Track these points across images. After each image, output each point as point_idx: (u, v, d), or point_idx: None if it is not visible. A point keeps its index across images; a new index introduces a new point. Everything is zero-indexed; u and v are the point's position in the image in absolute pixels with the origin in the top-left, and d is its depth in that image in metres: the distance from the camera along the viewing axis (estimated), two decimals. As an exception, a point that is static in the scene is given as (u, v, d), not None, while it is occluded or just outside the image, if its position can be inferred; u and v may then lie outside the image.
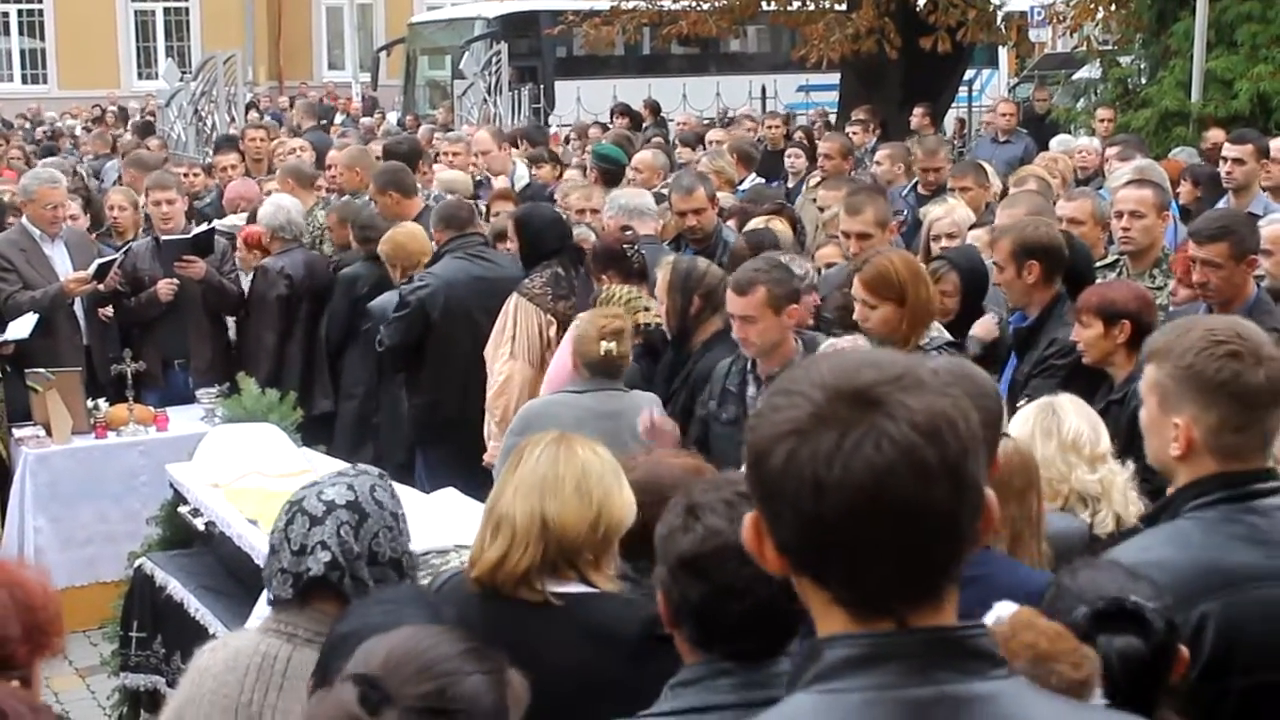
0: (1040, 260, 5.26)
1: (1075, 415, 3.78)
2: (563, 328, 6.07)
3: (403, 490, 5.32)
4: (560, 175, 10.73)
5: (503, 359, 6.40)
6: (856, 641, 1.55)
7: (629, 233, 6.55)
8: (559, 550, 2.87)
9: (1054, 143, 11.87)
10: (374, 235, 7.65)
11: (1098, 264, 6.16)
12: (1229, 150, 7.97)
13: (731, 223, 7.77)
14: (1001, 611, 2.23)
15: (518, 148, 9.67)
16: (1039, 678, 1.91)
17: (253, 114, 18.93)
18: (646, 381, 5.60)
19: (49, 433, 7.02)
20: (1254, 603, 2.57)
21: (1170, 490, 2.83)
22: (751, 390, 5.08)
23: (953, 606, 1.59)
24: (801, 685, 1.57)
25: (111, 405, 7.25)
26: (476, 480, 5.69)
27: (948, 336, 5.31)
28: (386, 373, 7.50)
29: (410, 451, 7.27)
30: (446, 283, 6.87)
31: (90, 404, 7.18)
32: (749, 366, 5.13)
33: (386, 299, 7.26)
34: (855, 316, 5.11)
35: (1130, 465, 3.72)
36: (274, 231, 8.27)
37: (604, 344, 5.07)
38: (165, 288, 7.87)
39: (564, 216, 7.25)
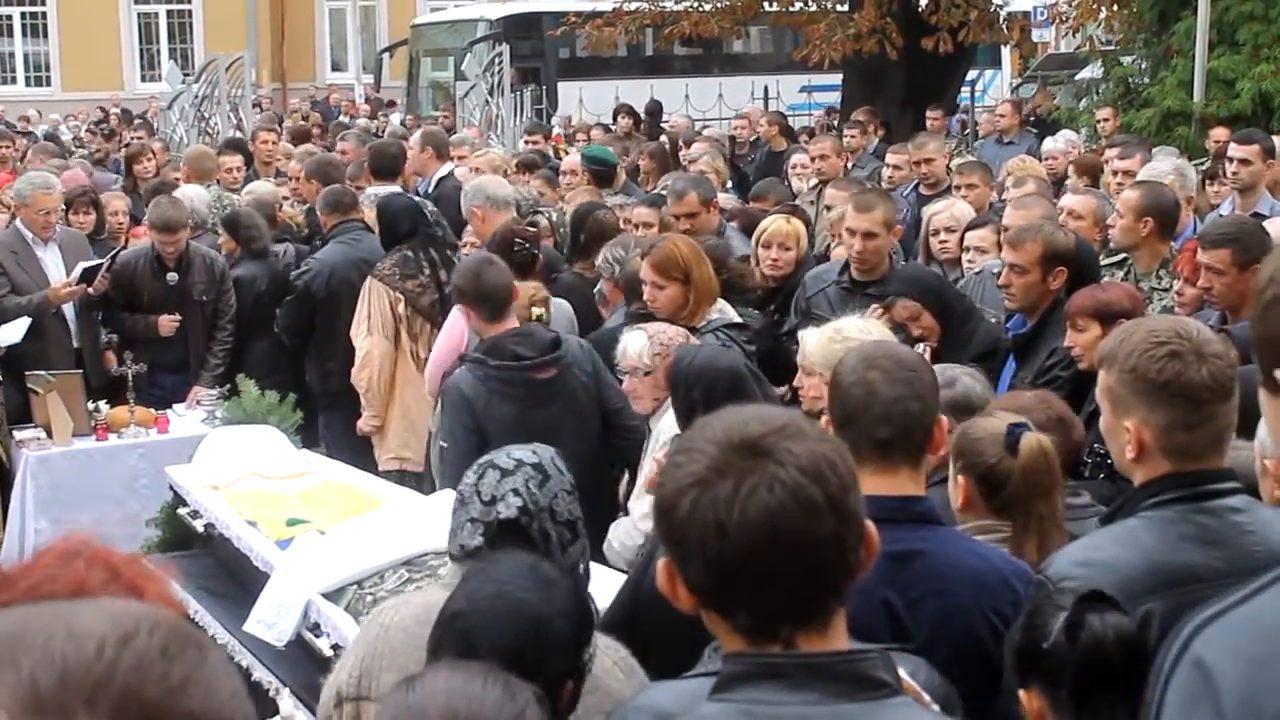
0: (1069, 267, 5.18)
1: None
2: (410, 304, 6.94)
3: (409, 494, 5.37)
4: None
5: (361, 336, 6.98)
6: (743, 660, 1.80)
7: (531, 230, 6.94)
8: None
9: (1060, 136, 11.76)
10: (257, 234, 8.12)
11: (1105, 263, 6.12)
12: (1234, 150, 7.86)
13: (734, 223, 7.76)
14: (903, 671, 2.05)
15: (441, 156, 9.74)
16: None
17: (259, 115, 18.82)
18: None
19: (50, 435, 7.01)
20: (1200, 603, 2.56)
21: None
22: None
23: (841, 627, 1.82)
24: (710, 693, 1.82)
25: (110, 407, 7.24)
26: (369, 442, 7.06)
27: (731, 317, 5.54)
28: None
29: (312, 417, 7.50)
30: (329, 265, 7.60)
31: (91, 406, 7.17)
32: None
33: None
34: (645, 298, 5.52)
35: None
36: None
37: (534, 309, 5.64)
38: (167, 324, 7.81)
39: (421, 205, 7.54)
